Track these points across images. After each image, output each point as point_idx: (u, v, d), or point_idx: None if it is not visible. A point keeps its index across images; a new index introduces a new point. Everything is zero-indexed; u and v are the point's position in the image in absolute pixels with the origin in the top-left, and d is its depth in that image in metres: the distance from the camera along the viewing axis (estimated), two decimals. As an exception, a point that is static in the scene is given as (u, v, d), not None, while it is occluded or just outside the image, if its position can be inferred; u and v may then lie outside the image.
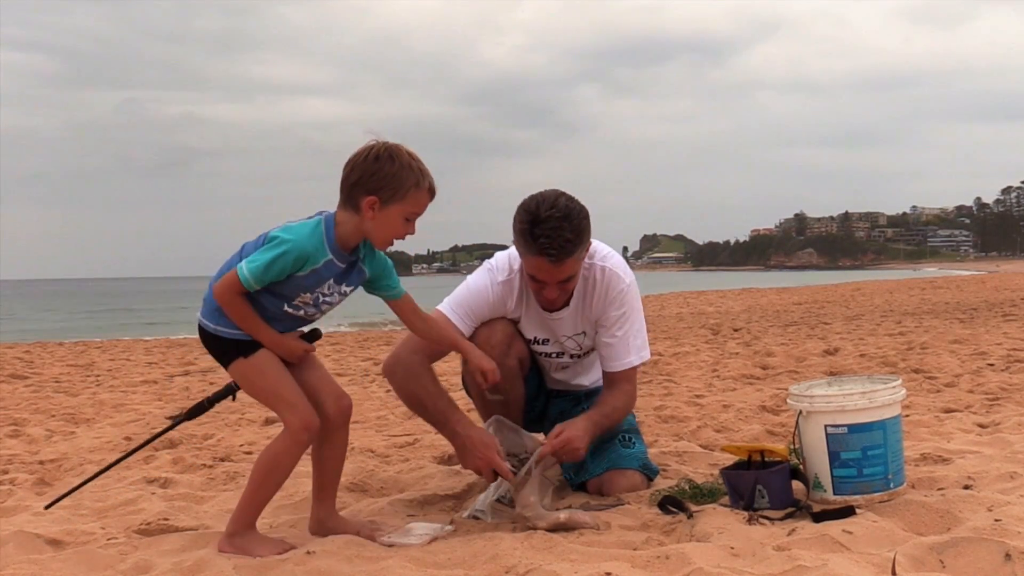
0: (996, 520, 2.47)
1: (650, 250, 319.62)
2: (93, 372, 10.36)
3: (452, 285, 3.55)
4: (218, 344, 2.79)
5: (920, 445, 3.83)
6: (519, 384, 3.38)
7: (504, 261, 3.35)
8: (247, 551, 2.71)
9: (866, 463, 2.91)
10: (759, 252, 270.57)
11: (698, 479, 3.33)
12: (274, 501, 2.95)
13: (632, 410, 3.49)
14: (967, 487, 3.01)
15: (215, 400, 3.04)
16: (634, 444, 3.46)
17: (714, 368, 7.89)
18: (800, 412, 3.02)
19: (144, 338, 19.09)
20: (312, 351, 2.90)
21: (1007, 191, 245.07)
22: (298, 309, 2.79)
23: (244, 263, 2.67)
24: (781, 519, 2.78)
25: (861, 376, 3.28)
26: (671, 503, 2.96)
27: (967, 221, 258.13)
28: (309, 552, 2.65)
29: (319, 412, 2.84)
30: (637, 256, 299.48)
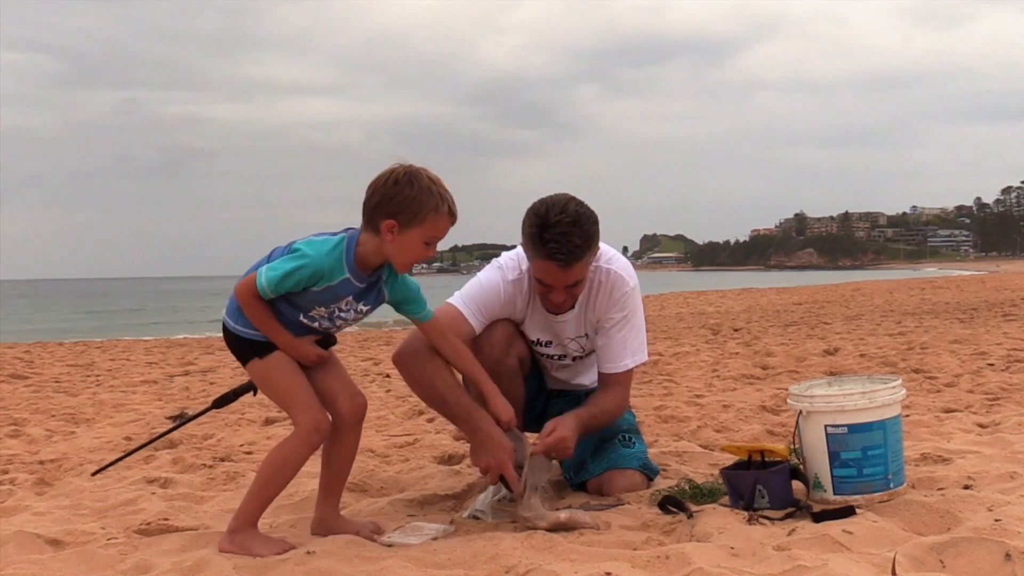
0: (996, 520, 2.46)
1: (650, 250, 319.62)
2: (93, 372, 10.37)
3: (452, 285, 3.54)
4: (237, 343, 2.86)
5: (920, 445, 3.83)
6: (519, 384, 3.37)
7: (513, 260, 3.34)
8: (247, 550, 2.71)
9: (866, 463, 2.91)
10: (759, 252, 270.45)
11: (698, 479, 3.33)
12: (274, 501, 2.96)
13: (622, 413, 3.46)
14: (967, 487, 3.01)
15: (240, 393, 3.14)
16: (634, 444, 3.46)
17: (714, 368, 7.89)
18: (800, 412, 3.02)
19: (144, 338, 19.11)
20: (326, 356, 2.92)
21: (1007, 191, 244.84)
22: (313, 321, 2.83)
23: (264, 269, 2.73)
24: (781, 519, 2.77)
25: (861, 376, 3.28)
26: (671, 503, 2.96)
27: (967, 221, 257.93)
28: (309, 552, 2.65)
29: (333, 409, 2.87)
30: (637, 256, 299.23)
